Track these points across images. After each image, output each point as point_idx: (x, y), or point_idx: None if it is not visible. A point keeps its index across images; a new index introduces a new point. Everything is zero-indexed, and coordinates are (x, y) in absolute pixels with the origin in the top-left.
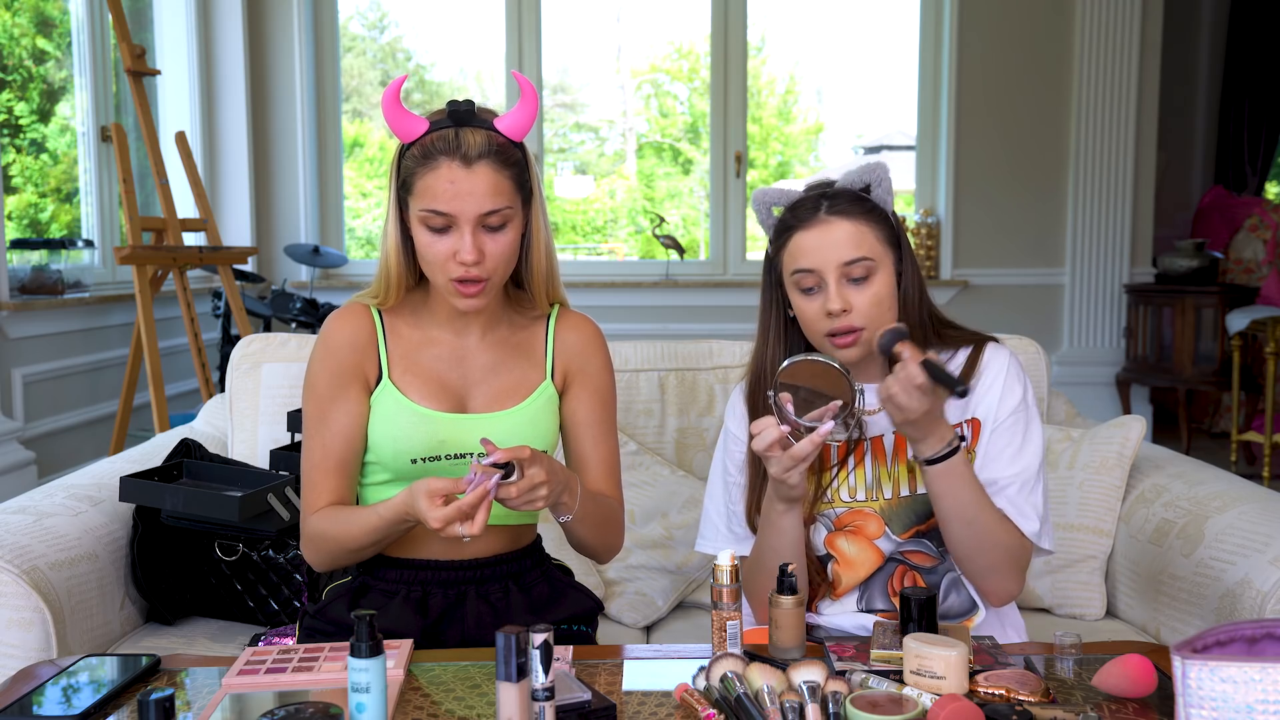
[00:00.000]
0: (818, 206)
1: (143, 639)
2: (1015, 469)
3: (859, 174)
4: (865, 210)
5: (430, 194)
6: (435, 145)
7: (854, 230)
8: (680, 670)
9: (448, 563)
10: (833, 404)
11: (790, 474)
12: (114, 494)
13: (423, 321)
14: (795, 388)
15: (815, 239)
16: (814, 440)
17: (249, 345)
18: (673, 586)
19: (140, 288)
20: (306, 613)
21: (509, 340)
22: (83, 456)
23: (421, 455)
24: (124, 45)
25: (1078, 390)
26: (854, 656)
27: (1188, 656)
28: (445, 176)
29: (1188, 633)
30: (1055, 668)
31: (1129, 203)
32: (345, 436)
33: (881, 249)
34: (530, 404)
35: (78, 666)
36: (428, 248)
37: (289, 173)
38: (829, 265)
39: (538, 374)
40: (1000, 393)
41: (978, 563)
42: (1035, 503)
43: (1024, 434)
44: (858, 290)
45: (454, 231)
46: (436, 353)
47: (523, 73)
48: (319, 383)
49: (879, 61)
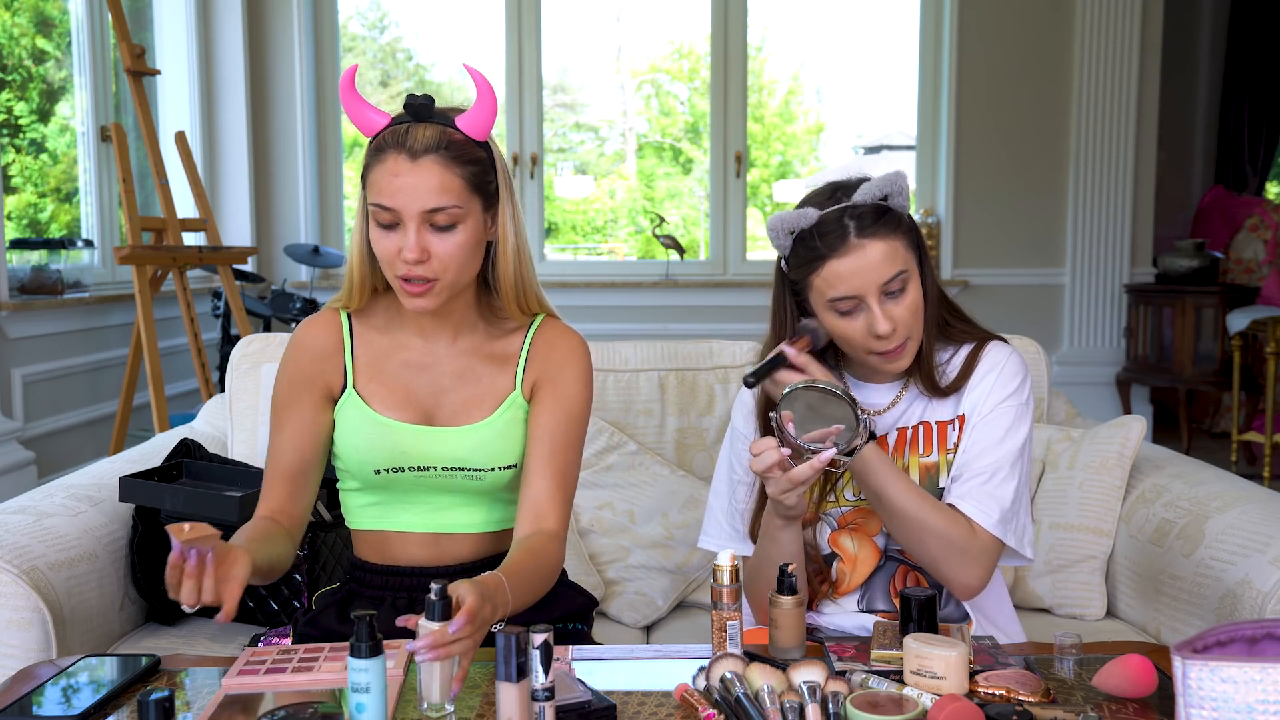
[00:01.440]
0: (845, 231)
1: (142, 639)
2: (986, 460)
3: (877, 185)
4: (892, 226)
5: (376, 187)
6: (386, 139)
7: (887, 249)
8: (680, 670)
9: (432, 569)
10: (835, 428)
11: (788, 496)
12: (114, 494)
13: (393, 327)
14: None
15: (852, 265)
16: (814, 466)
17: (249, 345)
18: (673, 586)
19: (140, 288)
20: (299, 620)
21: (481, 349)
22: (82, 457)
23: (384, 466)
24: (124, 45)
25: (1078, 390)
26: (854, 656)
27: (1188, 657)
28: (390, 169)
29: (1188, 633)
30: (1055, 668)
31: (1129, 202)
32: (295, 444)
33: (909, 257)
34: (498, 417)
35: (77, 667)
36: (376, 244)
37: (289, 172)
38: (870, 289)
39: (507, 384)
40: (990, 387)
41: (919, 553)
42: (1000, 496)
43: (1007, 428)
44: (895, 303)
45: (401, 228)
46: (405, 358)
47: (523, 72)
48: (279, 388)
49: (879, 61)
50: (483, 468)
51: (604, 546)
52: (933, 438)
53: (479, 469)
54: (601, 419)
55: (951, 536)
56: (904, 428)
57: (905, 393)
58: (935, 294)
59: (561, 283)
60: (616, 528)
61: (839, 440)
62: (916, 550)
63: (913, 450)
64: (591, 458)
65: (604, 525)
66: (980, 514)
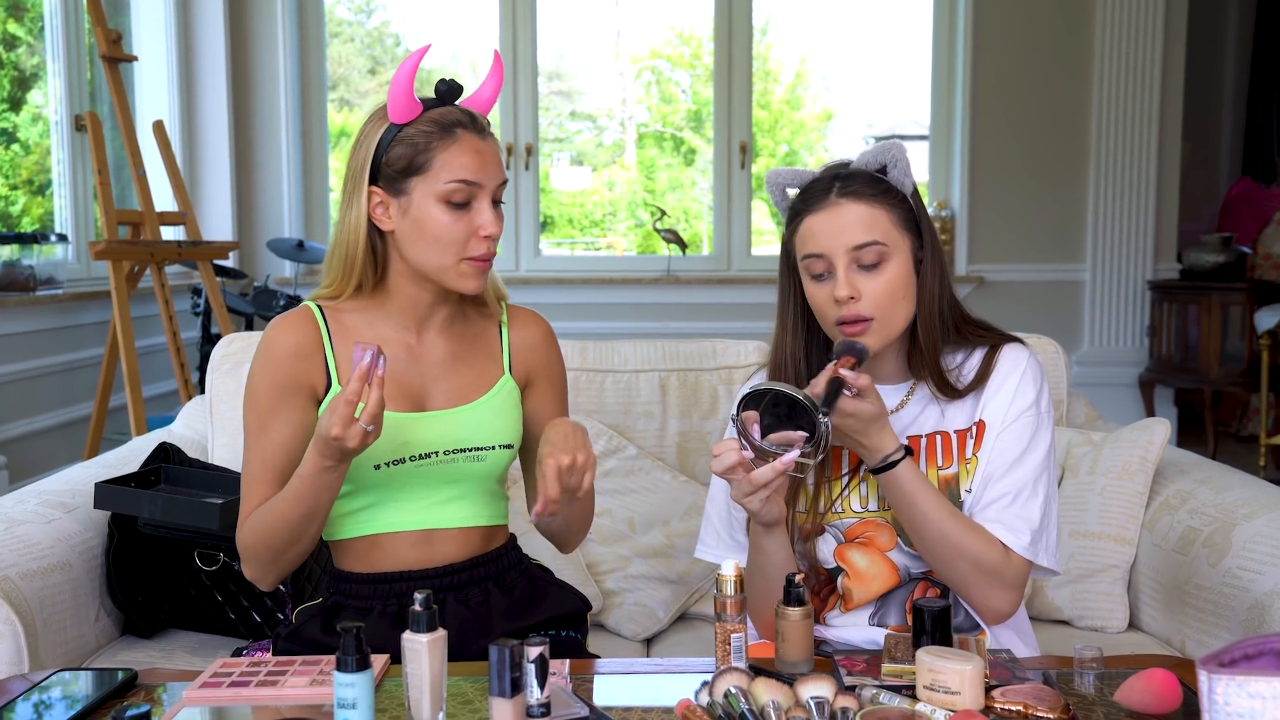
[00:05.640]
0: (829, 188)
1: (119, 652)
2: (1011, 478)
3: (874, 154)
4: (879, 192)
5: (457, 166)
6: (448, 118)
7: (866, 213)
8: (682, 685)
9: (421, 572)
10: (799, 434)
11: (750, 499)
12: (88, 500)
13: (375, 321)
14: (762, 410)
15: (825, 222)
16: (775, 469)
17: (230, 345)
18: (674, 597)
19: (116, 284)
20: (279, 635)
21: (464, 335)
22: (56, 461)
23: (385, 459)
24: (99, 30)
25: (1099, 391)
26: (864, 671)
27: (1214, 671)
28: (471, 146)
29: (1214, 646)
30: (1075, 683)
31: (1152, 195)
32: (286, 449)
33: (897, 234)
34: (492, 397)
35: (50, 681)
36: (448, 227)
37: (272, 164)
38: (838, 250)
39: (496, 369)
40: (1011, 395)
41: (949, 576)
42: (1029, 516)
43: (1028, 441)
44: (869, 277)
45: (473, 206)
46: (391, 352)
47: (517, 59)
48: (260, 393)
49: (890, 45)
50: (484, 445)
51: (602, 555)
52: (951, 448)
53: (480, 447)
54: (600, 421)
55: (985, 561)
56: (916, 436)
57: (913, 395)
58: (936, 286)
59: (558, 279)
60: (615, 536)
61: (805, 446)
62: (946, 573)
63: (930, 462)
64: None
65: (602, 533)
66: (1012, 537)
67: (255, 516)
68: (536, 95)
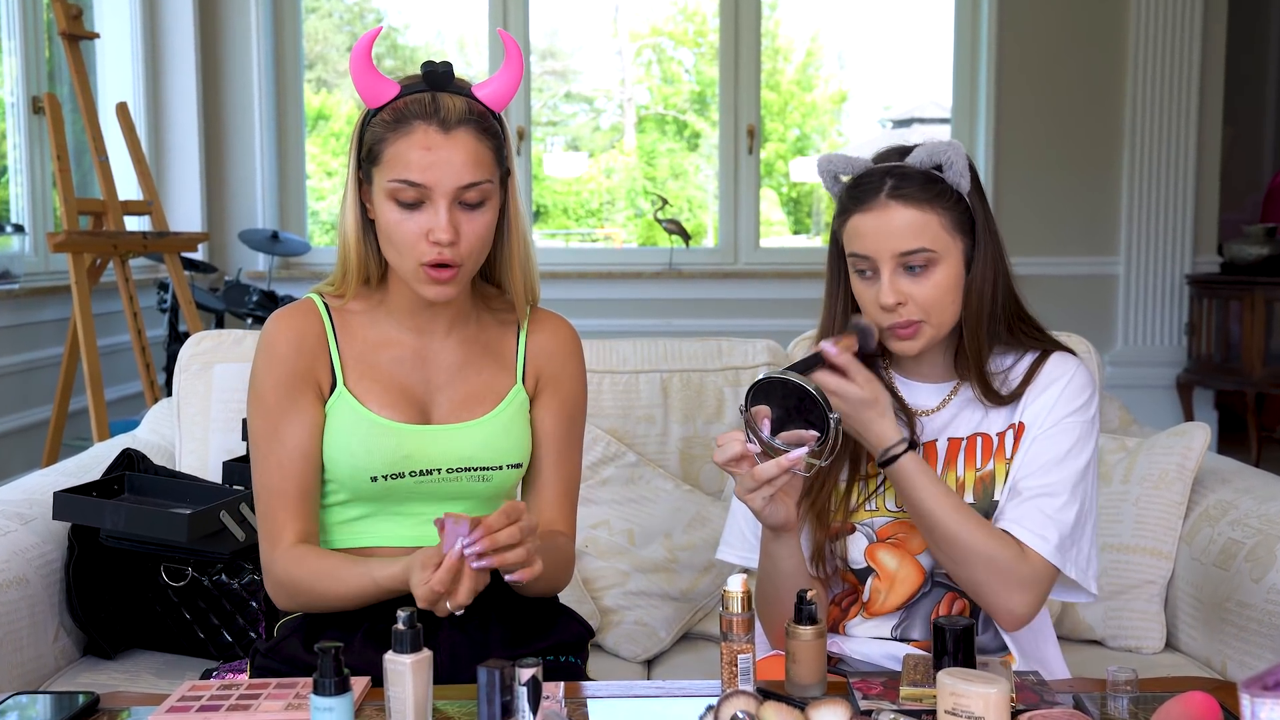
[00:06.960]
0: (880, 187)
1: (80, 674)
2: (1044, 479)
3: (929, 151)
4: (933, 195)
5: (402, 162)
6: (409, 108)
7: (916, 219)
8: (685, 709)
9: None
10: (810, 433)
11: (753, 496)
12: (47, 511)
13: (379, 320)
14: (772, 405)
15: (872, 224)
16: (780, 465)
17: (199, 343)
18: (677, 615)
19: (76, 278)
20: (258, 650)
21: (476, 339)
22: (11, 469)
23: (383, 472)
24: (58, 5)
25: (1134, 394)
26: (881, 694)
27: (1258, 694)
28: (420, 142)
29: (1257, 667)
30: (1108, 707)
31: (1191, 183)
32: (303, 452)
33: (947, 238)
34: (501, 411)
35: (6, 706)
36: (395, 227)
37: (244, 149)
38: (884, 254)
39: (508, 377)
40: (1053, 401)
41: (961, 575)
42: (1060, 520)
43: (1069, 447)
44: (915, 281)
45: (427, 207)
46: (395, 355)
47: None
48: (267, 394)
49: (909, 22)
50: (490, 465)
51: (600, 570)
52: (991, 449)
53: (485, 468)
54: (597, 426)
55: (997, 559)
56: (957, 438)
57: (955, 395)
58: (990, 288)
59: (551, 273)
60: (614, 549)
61: (815, 445)
62: (959, 572)
63: (969, 464)
64: (585, 470)
65: (600, 547)
66: (1035, 538)
67: (309, 571)
68: (528, 75)
